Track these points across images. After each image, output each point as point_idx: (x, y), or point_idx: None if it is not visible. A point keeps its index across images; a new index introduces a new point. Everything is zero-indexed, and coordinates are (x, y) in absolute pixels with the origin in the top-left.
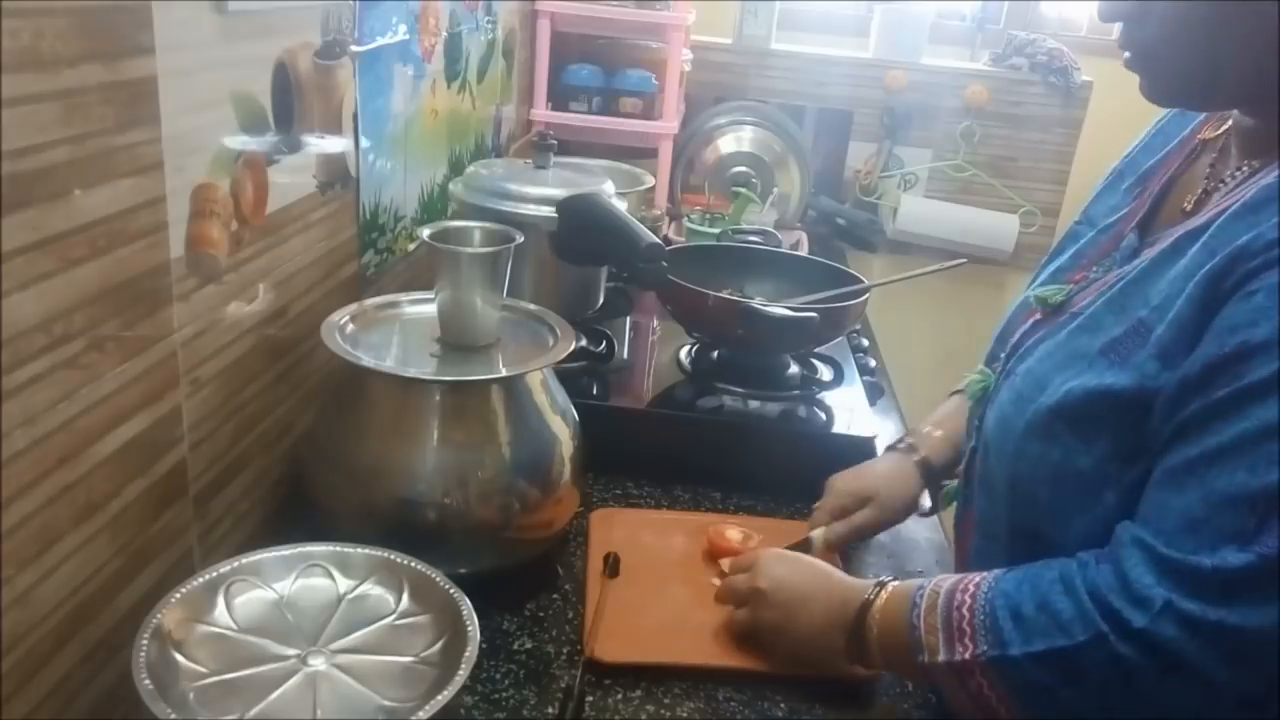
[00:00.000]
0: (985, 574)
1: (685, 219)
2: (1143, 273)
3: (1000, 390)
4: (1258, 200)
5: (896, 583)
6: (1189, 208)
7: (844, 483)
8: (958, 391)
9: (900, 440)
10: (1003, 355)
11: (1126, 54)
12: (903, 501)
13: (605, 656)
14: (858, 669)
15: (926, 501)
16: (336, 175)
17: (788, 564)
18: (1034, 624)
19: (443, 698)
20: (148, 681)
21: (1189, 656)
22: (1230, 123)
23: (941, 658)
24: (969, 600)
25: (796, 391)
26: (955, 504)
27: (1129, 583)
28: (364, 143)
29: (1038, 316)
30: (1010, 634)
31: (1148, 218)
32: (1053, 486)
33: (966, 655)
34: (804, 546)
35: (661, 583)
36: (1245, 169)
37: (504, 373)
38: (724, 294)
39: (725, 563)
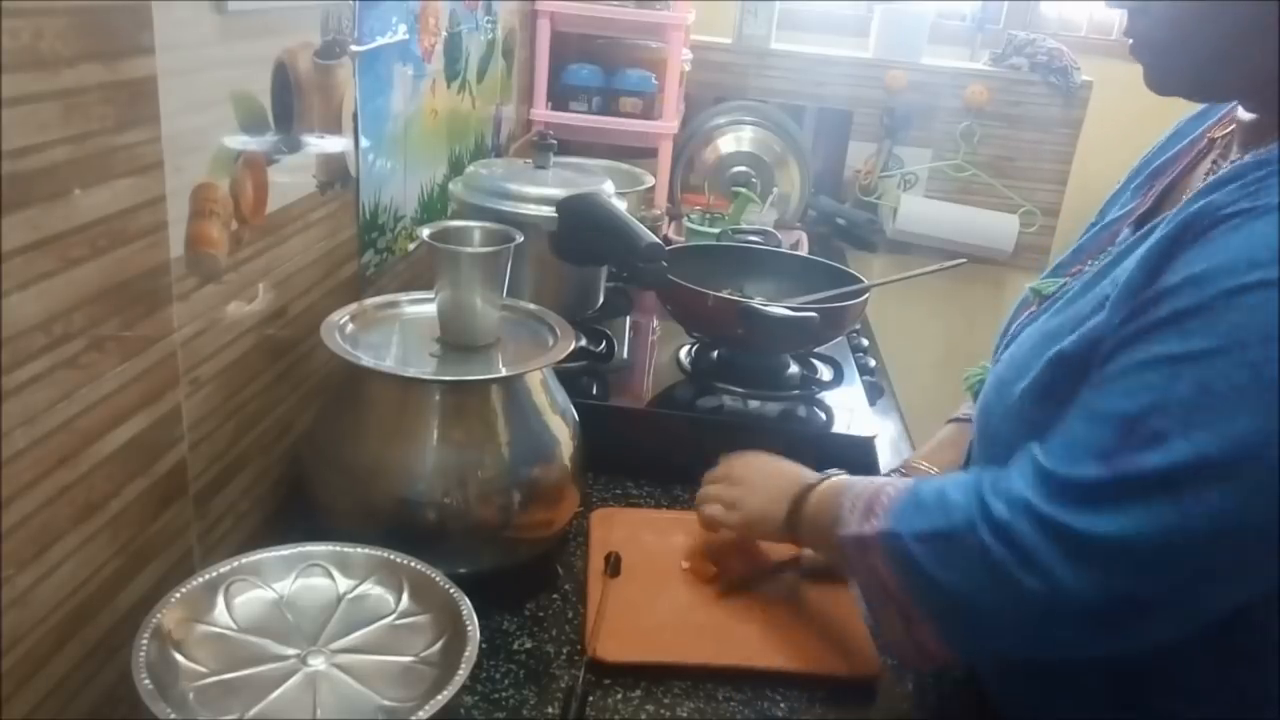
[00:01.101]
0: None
1: (685, 219)
2: (1117, 255)
3: (989, 380)
4: (1222, 177)
5: (850, 475)
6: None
7: None
8: (954, 420)
9: (895, 470)
10: (998, 348)
11: (1131, 42)
12: None
13: (607, 656)
14: (854, 668)
15: None
16: (336, 175)
17: (762, 457)
18: (927, 507)
19: (443, 698)
20: (147, 681)
21: (1039, 554)
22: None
23: (851, 530)
24: (894, 491)
25: (796, 391)
26: None
27: (1009, 484)
28: (364, 142)
29: (1033, 309)
30: (909, 513)
31: (1148, 214)
32: None
33: (867, 529)
34: (791, 564)
35: (662, 582)
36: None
37: (504, 373)
38: (724, 294)
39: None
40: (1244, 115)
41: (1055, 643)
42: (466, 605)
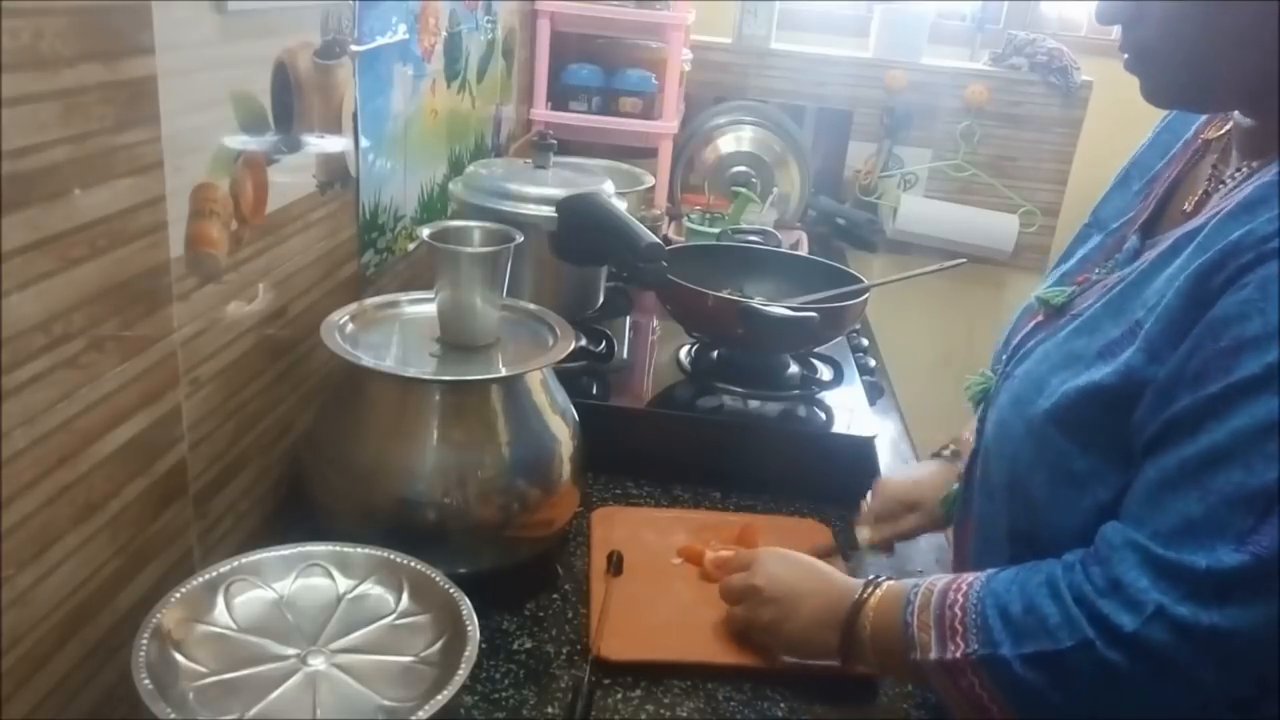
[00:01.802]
0: (979, 574)
1: (685, 219)
2: (1141, 275)
3: (1000, 393)
4: (1252, 199)
5: (890, 581)
6: (1189, 209)
7: (893, 488)
8: None
9: (945, 447)
10: (1005, 358)
11: (1126, 56)
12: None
13: (611, 655)
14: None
15: None
16: (336, 175)
17: (785, 562)
18: (1022, 626)
19: (442, 697)
20: (147, 681)
21: (1179, 661)
22: (1233, 122)
23: (933, 655)
24: (961, 599)
25: (796, 391)
26: (955, 508)
27: (1122, 586)
28: (364, 142)
29: (1039, 319)
30: (1000, 634)
31: (1151, 220)
32: (1049, 489)
33: (958, 654)
34: (826, 550)
35: (665, 581)
36: (1244, 170)
37: (504, 372)
38: (724, 294)
39: (710, 557)
40: (1241, 120)
41: None
42: (466, 605)
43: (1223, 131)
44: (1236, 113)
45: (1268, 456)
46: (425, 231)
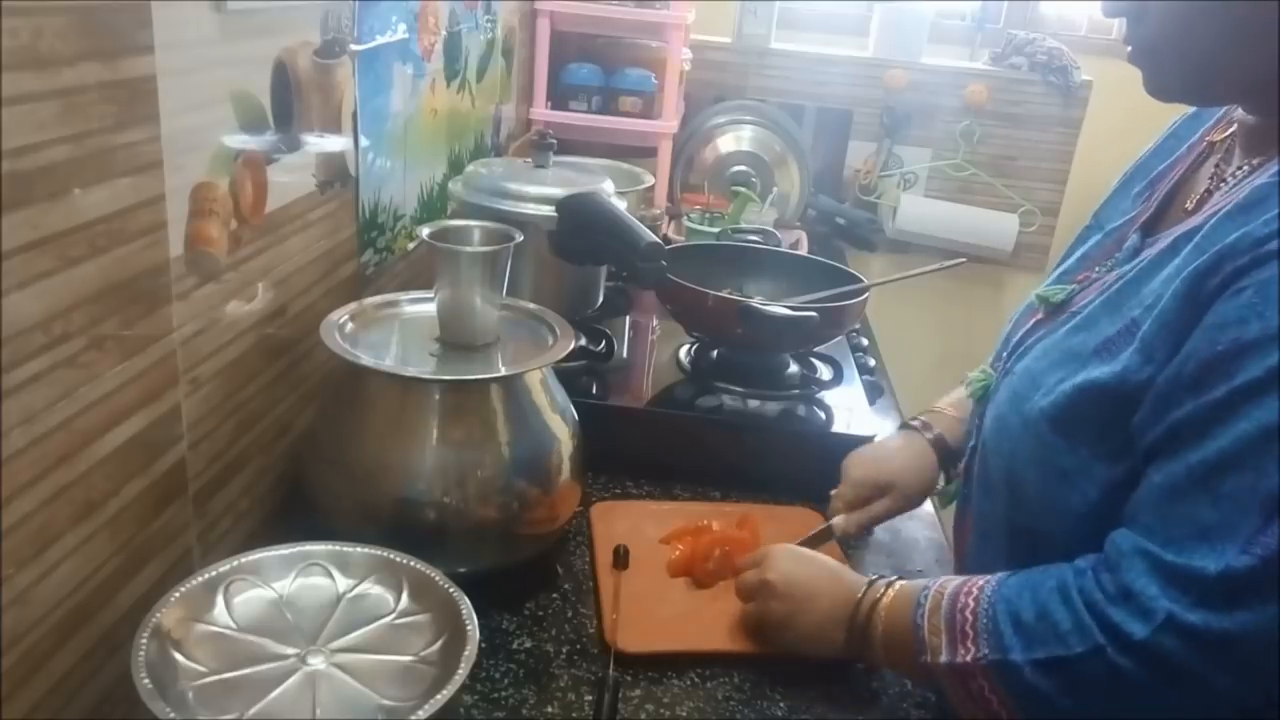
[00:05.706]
0: (989, 577)
1: (685, 218)
2: (1140, 272)
3: (999, 389)
4: (1249, 200)
5: (901, 582)
6: (1191, 207)
7: (861, 471)
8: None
9: (915, 418)
10: (1005, 355)
11: (1130, 49)
12: (919, 488)
13: (629, 648)
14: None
15: (942, 480)
16: (336, 174)
17: (797, 559)
18: (1033, 632)
19: (442, 697)
20: (147, 680)
21: (1191, 668)
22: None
23: (944, 659)
24: (972, 603)
25: (796, 391)
26: (955, 504)
27: (1132, 594)
28: (363, 142)
29: (1040, 316)
30: (1011, 639)
31: (1153, 219)
32: (1042, 486)
33: (968, 658)
34: (825, 534)
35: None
36: (1246, 168)
37: (503, 372)
38: (724, 293)
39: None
40: (1245, 118)
41: None
42: (466, 604)
43: (1227, 134)
44: (1240, 111)
45: (1274, 459)
46: (425, 231)
